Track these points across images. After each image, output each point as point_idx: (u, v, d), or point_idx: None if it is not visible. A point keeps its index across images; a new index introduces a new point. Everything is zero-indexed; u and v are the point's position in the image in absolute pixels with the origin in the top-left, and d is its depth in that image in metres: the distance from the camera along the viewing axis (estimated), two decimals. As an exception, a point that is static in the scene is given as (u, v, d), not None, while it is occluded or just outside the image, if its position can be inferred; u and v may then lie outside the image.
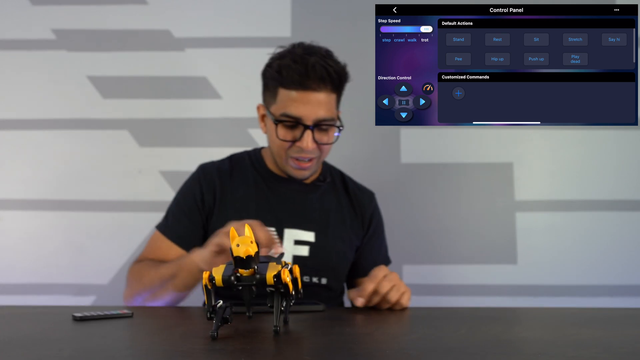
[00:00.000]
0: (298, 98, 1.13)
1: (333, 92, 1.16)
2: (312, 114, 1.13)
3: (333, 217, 1.25)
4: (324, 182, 1.28)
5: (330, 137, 1.18)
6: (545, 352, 0.67)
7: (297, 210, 1.23)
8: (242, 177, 1.25)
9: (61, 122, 1.74)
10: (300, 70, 1.12)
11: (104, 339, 0.74)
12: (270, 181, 1.25)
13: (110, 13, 1.75)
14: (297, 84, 1.12)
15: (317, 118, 1.14)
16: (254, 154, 1.30)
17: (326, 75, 1.13)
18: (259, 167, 1.27)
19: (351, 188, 1.31)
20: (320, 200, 1.26)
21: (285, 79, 1.13)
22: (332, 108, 1.17)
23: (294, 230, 1.21)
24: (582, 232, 1.70)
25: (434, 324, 0.86)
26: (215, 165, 1.28)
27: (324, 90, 1.14)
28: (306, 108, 1.13)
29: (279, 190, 1.24)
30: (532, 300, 1.68)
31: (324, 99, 1.15)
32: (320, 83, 1.13)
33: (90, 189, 1.73)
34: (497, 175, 1.73)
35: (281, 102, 1.15)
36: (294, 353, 0.68)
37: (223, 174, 1.25)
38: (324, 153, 1.21)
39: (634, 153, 1.72)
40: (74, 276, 1.71)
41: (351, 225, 1.27)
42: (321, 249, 1.21)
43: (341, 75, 1.17)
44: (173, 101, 1.74)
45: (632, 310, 1.00)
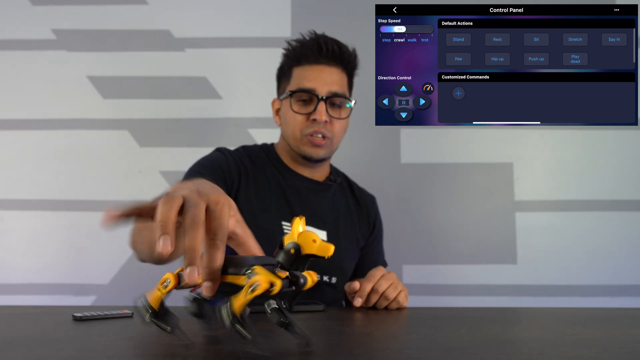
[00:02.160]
0: (311, 72, 1.18)
1: (344, 72, 1.21)
2: (325, 86, 1.17)
3: (343, 217, 1.27)
4: (334, 182, 1.29)
5: (342, 114, 1.21)
6: (545, 352, 0.67)
7: (312, 208, 1.24)
8: (260, 167, 1.24)
9: (61, 122, 1.74)
10: (314, 46, 1.18)
11: (104, 339, 0.74)
12: (286, 176, 1.25)
13: (110, 13, 1.76)
14: (311, 59, 1.18)
15: (330, 91, 1.17)
16: (265, 148, 1.30)
17: (338, 52, 1.19)
18: (275, 160, 1.27)
19: (356, 190, 1.33)
20: (331, 200, 1.27)
21: (300, 56, 1.18)
22: (344, 86, 1.21)
23: (308, 228, 1.21)
24: (582, 232, 1.70)
25: (434, 324, 0.86)
26: (232, 150, 1.26)
27: (336, 67, 1.19)
28: (319, 81, 1.17)
29: (295, 185, 1.24)
30: (532, 300, 1.68)
31: (337, 76, 1.19)
32: (333, 60, 1.18)
33: (90, 189, 1.73)
34: (497, 175, 1.73)
35: (295, 80, 1.20)
36: (294, 353, 0.68)
37: (243, 158, 1.23)
38: (337, 134, 1.21)
39: (634, 153, 1.72)
40: (74, 276, 1.71)
41: (359, 226, 1.29)
42: None
43: (352, 56, 1.22)
44: (173, 101, 1.75)
45: (632, 310, 1.00)
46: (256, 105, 1.72)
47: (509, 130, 1.73)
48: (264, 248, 1.19)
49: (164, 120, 1.74)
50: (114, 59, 1.75)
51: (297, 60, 1.19)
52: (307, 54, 1.18)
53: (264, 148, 1.30)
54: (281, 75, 1.25)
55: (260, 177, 1.22)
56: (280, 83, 1.25)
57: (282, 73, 1.25)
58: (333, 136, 1.20)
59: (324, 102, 1.16)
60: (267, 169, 1.25)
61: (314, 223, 1.22)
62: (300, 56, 1.19)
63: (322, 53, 1.18)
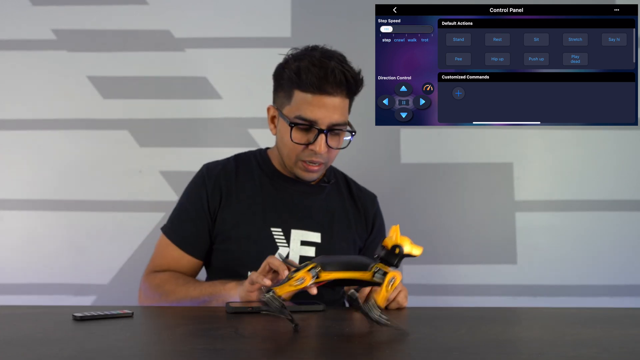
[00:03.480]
0: (314, 101, 1.13)
1: (347, 97, 1.17)
2: (327, 118, 1.13)
3: (338, 218, 1.26)
4: (328, 183, 1.28)
5: (341, 142, 1.19)
6: (545, 352, 0.67)
7: (304, 211, 1.23)
8: (249, 176, 1.25)
9: (61, 122, 1.74)
10: (320, 74, 1.12)
11: (104, 339, 0.74)
12: (276, 181, 1.25)
13: (110, 13, 1.75)
14: (315, 88, 1.12)
15: (332, 122, 1.14)
16: (259, 154, 1.30)
17: (344, 81, 1.13)
18: (265, 167, 1.27)
19: (354, 190, 1.32)
20: (325, 201, 1.26)
21: (303, 81, 1.13)
22: (345, 113, 1.18)
23: (300, 231, 1.21)
24: (582, 232, 1.70)
25: (434, 324, 0.86)
26: (220, 164, 1.27)
27: (340, 95, 1.14)
28: (321, 112, 1.13)
29: (286, 191, 1.24)
30: (532, 300, 1.68)
31: (339, 104, 1.15)
32: (337, 88, 1.13)
33: (90, 189, 1.73)
34: (497, 175, 1.73)
35: (296, 104, 1.15)
36: (294, 353, 0.68)
37: (229, 173, 1.25)
38: (332, 158, 1.21)
39: (634, 153, 1.72)
40: (74, 276, 1.71)
41: (355, 227, 1.28)
42: (327, 249, 1.21)
43: (357, 81, 1.17)
44: (173, 101, 1.74)
45: (632, 310, 1.00)
46: (256, 105, 1.71)
47: (509, 130, 1.73)
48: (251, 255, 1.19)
49: (164, 120, 1.74)
50: (114, 59, 1.75)
51: (299, 85, 1.14)
52: (311, 81, 1.12)
53: (256, 154, 1.30)
54: (279, 84, 1.20)
55: (246, 187, 1.23)
56: (278, 93, 1.21)
57: (281, 82, 1.19)
58: (328, 161, 1.20)
59: (324, 135, 1.14)
60: (257, 178, 1.25)
61: (307, 226, 1.22)
62: (303, 83, 1.13)
63: (328, 83, 1.12)
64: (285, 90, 1.18)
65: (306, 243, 1.21)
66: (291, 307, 0.96)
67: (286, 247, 1.19)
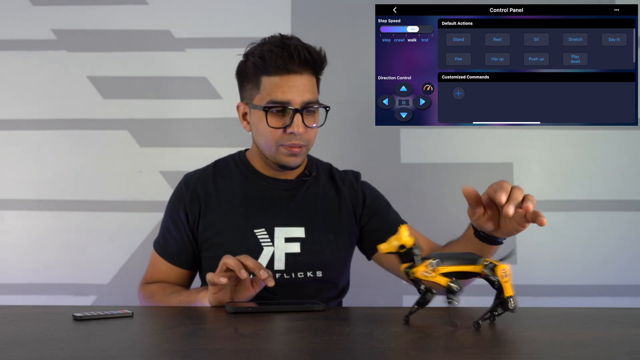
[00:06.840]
0: (283, 82, 1.14)
1: (313, 75, 1.18)
2: (299, 97, 1.14)
3: (321, 210, 1.25)
4: (309, 176, 1.28)
5: (316, 120, 1.20)
6: (545, 352, 0.67)
7: (285, 207, 1.23)
8: (228, 181, 1.26)
9: (61, 122, 1.74)
10: (283, 54, 1.13)
11: (104, 339, 0.74)
12: (257, 182, 1.25)
13: (110, 13, 1.75)
14: (281, 68, 1.13)
15: (304, 101, 1.15)
16: (238, 157, 1.30)
17: (309, 58, 1.15)
18: (245, 169, 1.27)
19: (337, 175, 1.31)
20: (306, 195, 1.26)
21: (268, 64, 1.14)
22: (315, 91, 1.19)
23: (284, 228, 1.21)
24: (582, 232, 1.70)
25: (434, 324, 0.86)
26: (198, 172, 1.29)
27: (307, 73, 1.16)
28: (292, 91, 1.14)
29: (266, 190, 1.25)
30: (532, 300, 1.68)
31: (308, 82, 1.16)
32: (304, 66, 1.15)
33: (90, 189, 1.73)
34: (497, 175, 1.72)
35: (265, 90, 1.16)
36: (294, 353, 0.68)
37: (206, 180, 1.26)
38: (311, 140, 1.21)
39: (634, 153, 1.72)
40: (74, 276, 1.71)
41: (342, 214, 1.26)
42: (312, 243, 1.21)
43: (321, 57, 1.18)
44: (173, 101, 1.75)
45: (632, 310, 1.00)
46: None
47: (509, 130, 1.73)
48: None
49: (164, 120, 1.74)
50: (114, 59, 1.75)
51: (266, 69, 1.14)
52: (276, 63, 1.13)
53: (235, 157, 1.31)
54: (244, 78, 1.21)
55: (224, 192, 1.24)
56: (245, 87, 1.22)
57: (245, 76, 1.20)
58: (308, 143, 1.20)
59: (299, 115, 1.14)
60: (236, 180, 1.26)
61: (290, 222, 1.22)
62: (270, 65, 1.14)
63: (293, 61, 1.13)
64: (251, 81, 1.19)
65: (290, 239, 1.21)
66: (291, 307, 0.96)
67: (271, 246, 1.19)
